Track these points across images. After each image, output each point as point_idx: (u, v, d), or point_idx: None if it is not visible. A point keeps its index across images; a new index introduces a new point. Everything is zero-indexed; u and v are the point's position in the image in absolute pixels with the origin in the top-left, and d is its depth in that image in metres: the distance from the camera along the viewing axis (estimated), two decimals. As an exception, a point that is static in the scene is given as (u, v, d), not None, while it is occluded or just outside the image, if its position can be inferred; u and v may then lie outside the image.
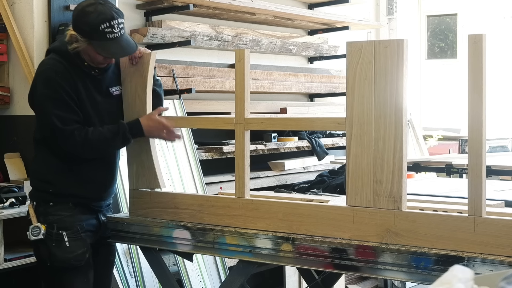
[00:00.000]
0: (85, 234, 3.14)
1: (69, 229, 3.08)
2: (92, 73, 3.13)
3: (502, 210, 2.94)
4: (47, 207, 3.11)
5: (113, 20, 2.99)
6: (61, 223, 3.08)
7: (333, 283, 3.89)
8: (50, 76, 3.05)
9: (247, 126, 2.96)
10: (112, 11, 3.01)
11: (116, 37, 3.01)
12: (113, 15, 3.00)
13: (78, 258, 3.08)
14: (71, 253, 3.06)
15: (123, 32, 3.05)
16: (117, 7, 3.10)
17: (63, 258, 3.06)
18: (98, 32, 2.98)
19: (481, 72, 2.44)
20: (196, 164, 4.68)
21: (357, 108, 2.69)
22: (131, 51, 3.13)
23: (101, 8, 3.00)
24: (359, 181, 2.69)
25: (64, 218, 3.09)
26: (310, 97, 6.55)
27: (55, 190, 3.12)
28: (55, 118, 2.99)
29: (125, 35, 3.08)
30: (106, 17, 2.98)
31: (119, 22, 3.02)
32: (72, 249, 3.07)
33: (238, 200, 3.00)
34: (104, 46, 3.02)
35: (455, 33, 9.12)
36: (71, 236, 3.08)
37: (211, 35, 5.21)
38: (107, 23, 2.98)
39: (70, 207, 3.12)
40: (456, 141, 7.30)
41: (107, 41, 3.00)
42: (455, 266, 1.32)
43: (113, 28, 2.99)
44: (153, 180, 3.24)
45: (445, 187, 4.19)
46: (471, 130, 2.47)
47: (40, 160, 3.19)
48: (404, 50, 2.59)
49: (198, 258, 4.36)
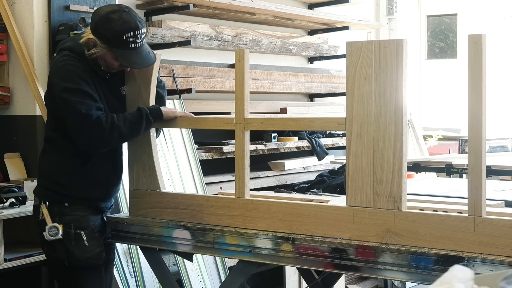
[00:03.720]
0: (99, 233, 3.18)
1: (86, 228, 3.11)
2: (106, 77, 3.15)
3: (502, 210, 2.94)
4: (62, 207, 3.10)
5: (137, 30, 2.98)
6: (78, 223, 3.10)
7: (333, 283, 3.89)
8: (68, 70, 3.02)
9: (247, 126, 2.96)
10: (136, 21, 3.00)
11: (138, 47, 3.01)
12: (137, 25, 2.99)
13: (97, 257, 3.12)
14: (89, 252, 3.09)
15: (144, 42, 3.05)
16: (140, 17, 3.09)
17: (82, 257, 3.08)
18: (121, 41, 2.97)
19: (481, 72, 2.43)
20: (196, 164, 4.68)
21: (357, 108, 2.69)
22: (150, 62, 3.11)
23: (126, 16, 2.98)
24: (359, 181, 2.69)
25: (80, 218, 3.11)
26: (310, 97, 6.55)
27: (68, 193, 3.11)
28: (79, 105, 2.95)
29: (145, 45, 3.07)
30: (131, 26, 2.97)
31: (142, 32, 3.01)
32: (90, 248, 3.09)
33: (238, 200, 3.00)
34: (126, 55, 3.02)
35: (455, 33, 9.11)
36: (88, 235, 3.10)
37: (211, 35, 5.21)
38: (132, 33, 2.97)
39: (83, 207, 3.14)
40: (456, 141, 7.29)
41: (128, 50, 3.00)
42: (455, 266, 1.32)
43: (136, 38, 2.99)
44: (154, 182, 3.24)
45: (445, 187, 4.19)
46: (471, 130, 2.47)
47: (49, 159, 3.17)
48: (404, 50, 2.59)
49: (198, 258, 4.36)
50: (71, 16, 4.12)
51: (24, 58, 4.02)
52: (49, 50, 4.09)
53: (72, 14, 4.12)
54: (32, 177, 4.02)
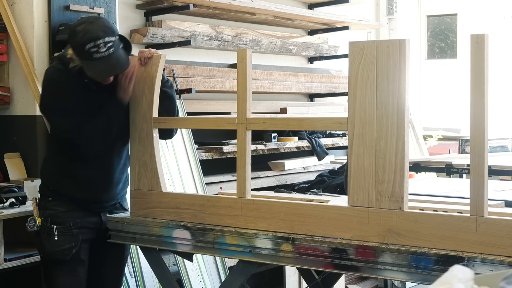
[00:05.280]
0: (79, 230, 3.24)
1: (61, 224, 3.22)
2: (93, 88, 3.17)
3: (503, 210, 2.94)
4: (46, 202, 3.27)
5: (98, 40, 2.94)
6: (56, 218, 3.23)
7: (333, 283, 3.89)
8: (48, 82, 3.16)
9: (249, 126, 2.96)
10: (100, 30, 2.96)
11: (102, 57, 2.96)
12: (99, 35, 2.95)
13: (64, 252, 3.20)
14: (58, 246, 3.20)
15: (112, 50, 2.98)
16: (111, 24, 3.04)
17: (50, 251, 3.22)
18: (84, 52, 2.97)
19: (483, 72, 2.43)
20: (196, 164, 4.68)
21: (359, 108, 2.68)
22: (120, 69, 3.08)
23: (89, 27, 2.97)
24: (360, 181, 2.69)
25: (59, 214, 3.23)
26: (310, 97, 6.55)
27: (54, 188, 3.28)
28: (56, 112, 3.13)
29: (115, 53, 3.01)
30: (92, 37, 2.94)
31: (107, 41, 2.96)
32: (59, 243, 3.20)
33: (240, 200, 2.99)
34: (90, 66, 3.01)
35: (455, 33, 9.11)
36: (61, 230, 3.21)
37: (211, 35, 5.21)
38: (93, 43, 2.94)
39: (67, 203, 3.24)
40: (456, 141, 7.28)
41: (93, 60, 2.98)
42: (455, 266, 1.32)
43: (99, 48, 2.95)
44: (155, 183, 3.23)
45: (445, 187, 4.20)
46: (473, 130, 2.46)
47: (48, 157, 3.38)
48: (406, 50, 2.58)
49: (198, 258, 4.36)
50: (71, 16, 4.11)
51: (24, 58, 4.01)
52: (49, 50, 4.08)
53: (72, 14, 4.11)
54: (32, 177, 4.01)
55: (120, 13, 4.49)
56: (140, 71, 3.23)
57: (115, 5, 4.33)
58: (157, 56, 3.21)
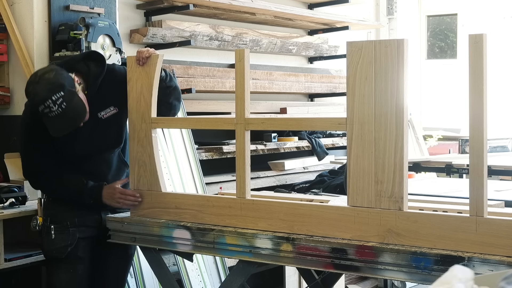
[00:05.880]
0: (76, 229, 3.28)
1: (58, 223, 3.28)
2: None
3: (503, 210, 2.94)
4: (48, 202, 3.35)
5: (47, 101, 2.93)
6: (54, 217, 3.29)
7: (333, 283, 3.89)
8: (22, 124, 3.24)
9: (248, 126, 2.96)
10: (45, 90, 2.94)
11: (57, 114, 2.96)
12: (45, 96, 2.93)
13: (60, 250, 3.26)
14: (54, 245, 3.27)
15: (64, 106, 2.95)
16: (56, 79, 2.98)
17: (47, 249, 3.31)
18: (39, 113, 3.00)
19: (482, 72, 2.43)
20: (196, 164, 4.68)
21: (357, 108, 2.68)
22: (79, 120, 3.06)
23: (36, 88, 2.98)
24: (360, 182, 2.69)
25: (57, 213, 3.29)
26: (310, 97, 6.55)
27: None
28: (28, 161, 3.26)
29: (69, 106, 2.97)
30: (40, 99, 2.95)
31: (55, 99, 2.93)
32: (56, 241, 3.26)
33: (239, 200, 2.99)
34: (50, 125, 3.01)
35: (455, 33, 9.11)
36: (58, 229, 3.27)
37: (211, 35, 5.21)
38: (42, 105, 2.95)
39: (64, 203, 3.30)
40: (456, 141, 7.28)
41: (50, 119, 2.98)
42: (455, 266, 1.32)
43: (50, 108, 2.94)
44: (154, 183, 3.23)
45: (445, 187, 4.19)
46: (472, 130, 2.47)
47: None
48: (404, 50, 2.58)
49: (198, 258, 4.36)
50: (71, 16, 4.11)
51: (24, 58, 4.01)
52: (49, 50, 4.09)
53: (72, 14, 4.11)
54: (32, 177, 4.01)
55: (120, 13, 4.49)
56: (138, 71, 3.23)
57: (115, 5, 4.33)
58: (155, 56, 3.21)
